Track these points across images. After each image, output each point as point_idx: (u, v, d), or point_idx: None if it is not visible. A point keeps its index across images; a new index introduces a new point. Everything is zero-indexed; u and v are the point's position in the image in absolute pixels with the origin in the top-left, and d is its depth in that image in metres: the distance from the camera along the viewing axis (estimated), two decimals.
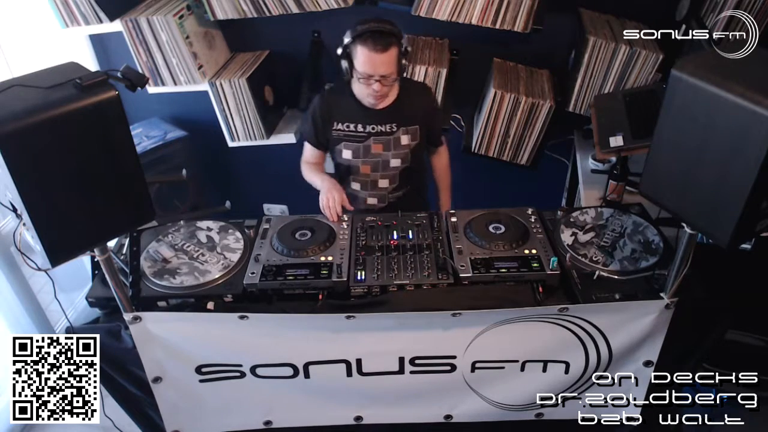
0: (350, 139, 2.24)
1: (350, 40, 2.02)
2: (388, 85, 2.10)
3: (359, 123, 2.22)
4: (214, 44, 2.93)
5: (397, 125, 2.22)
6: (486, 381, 1.91)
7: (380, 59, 2.00)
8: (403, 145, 2.25)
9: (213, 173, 3.56)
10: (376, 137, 2.23)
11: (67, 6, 2.59)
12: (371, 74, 2.03)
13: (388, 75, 2.05)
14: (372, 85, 2.06)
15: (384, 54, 1.99)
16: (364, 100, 2.17)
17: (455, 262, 1.85)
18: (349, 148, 2.26)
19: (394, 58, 2.02)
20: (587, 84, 2.64)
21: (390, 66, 2.03)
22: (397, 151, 2.26)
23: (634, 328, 1.76)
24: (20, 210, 1.29)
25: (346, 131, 2.23)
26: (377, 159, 2.27)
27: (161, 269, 1.89)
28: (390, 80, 2.07)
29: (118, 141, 1.35)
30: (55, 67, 1.36)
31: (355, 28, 2.02)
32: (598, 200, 2.41)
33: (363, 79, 2.06)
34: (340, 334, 1.78)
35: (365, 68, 2.03)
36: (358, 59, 2.02)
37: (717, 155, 1.28)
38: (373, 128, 2.22)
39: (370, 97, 2.13)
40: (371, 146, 2.25)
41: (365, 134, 2.23)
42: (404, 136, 2.24)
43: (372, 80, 2.05)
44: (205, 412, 1.97)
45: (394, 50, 2.01)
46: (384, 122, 2.21)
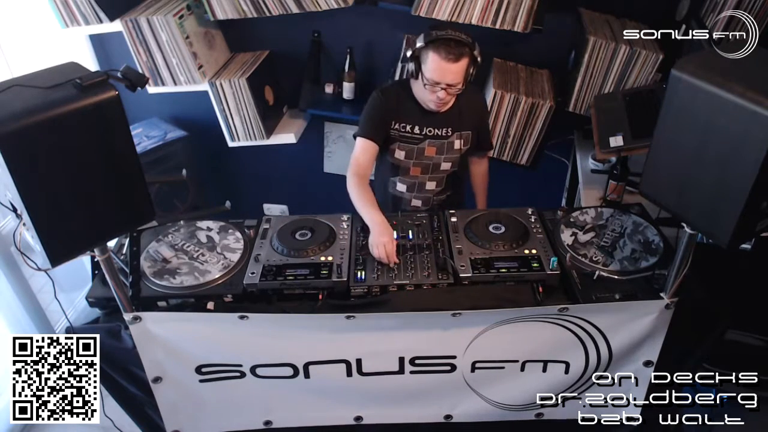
0: (405, 140, 2.21)
1: (423, 44, 1.98)
2: (453, 94, 2.07)
3: (416, 125, 2.18)
4: (214, 44, 2.93)
5: (452, 129, 2.20)
6: (486, 381, 1.91)
7: (451, 68, 1.96)
8: (455, 149, 2.24)
9: (213, 173, 3.57)
10: (431, 140, 2.20)
11: (67, 6, 2.59)
12: (438, 82, 2.00)
13: (455, 84, 2.02)
14: (437, 92, 2.03)
15: (455, 64, 1.96)
16: (426, 104, 2.13)
17: (455, 262, 1.85)
18: (403, 149, 2.23)
19: (464, 68, 1.99)
20: (587, 84, 2.64)
21: (459, 76, 2.00)
22: (449, 155, 2.25)
23: (634, 328, 1.76)
24: (20, 210, 1.29)
25: (402, 131, 2.19)
26: (429, 162, 2.25)
27: (161, 269, 1.89)
28: (456, 89, 2.04)
29: (118, 141, 1.35)
30: (55, 67, 1.36)
31: (429, 33, 1.97)
32: (598, 200, 2.41)
33: (429, 86, 2.03)
34: (340, 334, 1.78)
35: (434, 75, 1.99)
36: (428, 65, 1.99)
37: (717, 155, 1.28)
38: (429, 131, 2.19)
39: (432, 103, 2.10)
40: (425, 149, 2.22)
41: (421, 136, 2.20)
42: (458, 141, 2.22)
43: (438, 88, 2.02)
44: (205, 412, 1.97)
45: (465, 60, 1.98)
46: (440, 126, 2.19)
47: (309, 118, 3.25)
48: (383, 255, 1.85)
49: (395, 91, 2.21)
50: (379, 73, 3.07)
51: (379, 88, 2.22)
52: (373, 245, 1.89)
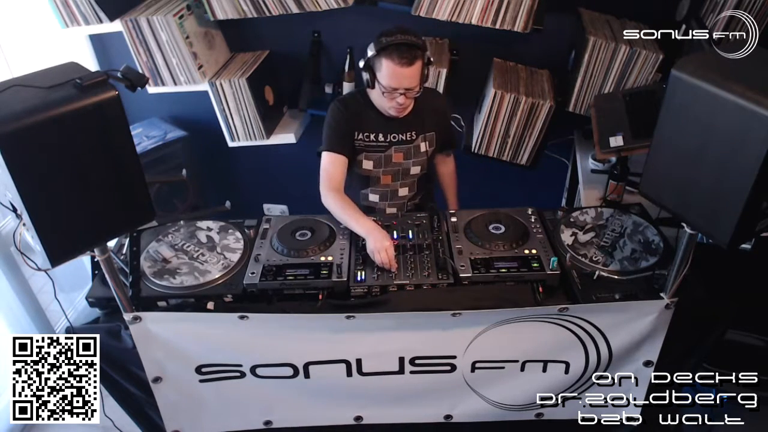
0: (371, 149, 2.19)
1: (374, 53, 1.97)
2: (412, 98, 2.07)
3: (380, 132, 2.17)
4: (214, 44, 2.93)
5: (416, 133, 2.20)
6: (486, 381, 1.91)
7: (406, 73, 1.96)
8: (422, 152, 2.23)
9: (213, 173, 3.56)
10: (396, 146, 2.20)
11: (67, 6, 2.59)
12: (396, 88, 1.99)
13: (413, 87, 2.01)
14: (396, 98, 2.03)
15: (410, 68, 1.95)
16: (386, 111, 2.12)
17: (455, 262, 1.85)
18: (370, 159, 2.21)
19: (419, 70, 1.99)
20: (587, 84, 2.64)
21: (415, 79, 1.99)
22: (416, 158, 2.24)
23: (634, 328, 1.76)
24: (20, 210, 1.29)
25: (366, 141, 2.18)
26: (397, 168, 2.24)
27: (161, 269, 1.89)
28: (414, 92, 2.03)
29: (118, 141, 1.35)
30: (55, 67, 1.36)
31: (379, 40, 1.96)
32: (598, 200, 2.41)
33: (387, 93, 2.02)
34: (340, 334, 1.78)
35: (390, 82, 1.98)
36: (383, 72, 1.98)
37: (717, 155, 1.28)
38: (393, 137, 2.18)
39: (392, 109, 2.09)
40: (392, 155, 2.21)
41: (386, 144, 2.19)
42: (423, 143, 2.22)
43: (396, 93, 2.01)
44: (205, 412, 1.97)
45: (419, 63, 1.97)
46: (404, 130, 2.18)
47: (309, 118, 3.25)
48: (386, 261, 1.84)
49: (354, 101, 2.18)
50: None
51: (336, 99, 2.21)
52: (374, 252, 1.86)
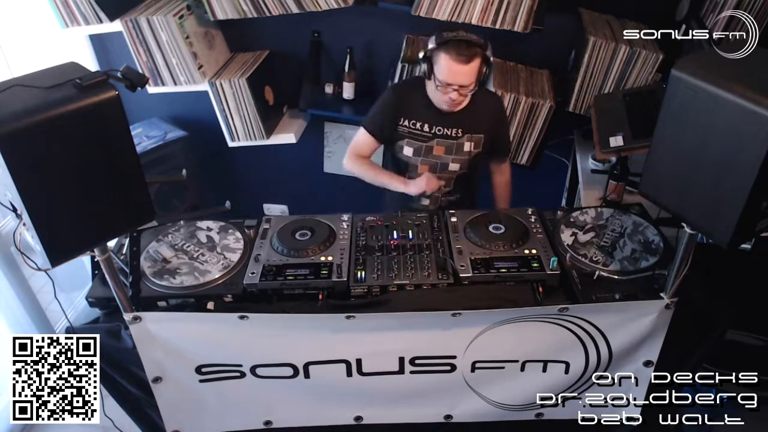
0: (414, 137, 2.23)
1: (434, 46, 1.99)
2: (465, 95, 2.08)
3: (426, 123, 2.19)
4: (214, 44, 2.93)
5: (462, 131, 2.20)
6: (486, 381, 1.91)
7: (462, 70, 1.97)
8: (465, 151, 2.24)
9: (213, 173, 3.57)
10: (440, 139, 2.21)
11: (67, 6, 2.59)
12: (450, 83, 2.01)
13: (467, 85, 2.02)
14: (449, 94, 2.04)
15: (467, 65, 1.97)
16: (439, 105, 2.14)
17: (455, 262, 1.85)
18: (411, 146, 2.24)
19: (476, 69, 2.00)
20: (587, 84, 2.64)
21: (471, 77, 2.00)
22: (458, 156, 2.25)
23: (634, 328, 1.76)
24: (20, 210, 1.28)
25: (411, 129, 2.21)
26: (437, 161, 2.26)
27: (161, 269, 1.89)
28: (468, 90, 2.04)
29: (118, 141, 1.35)
30: (55, 67, 1.36)
31: (440, 34, 1.98)
32: (598, 200, 2.40)
33: (441, 87, 2.04)
34: (340, 334, 1.78)
35: (445, 77, 2.00)
36: (440, 66, 2.00)
37: (717, 155, 1.28)
38: (438, 130, 2.20)
39: (444, 104, 2.11)
40: (434, 147, 2.23)
41: (430, 135, 2.21)
42: (468, 143, 2.22)
43: (450, 89, 2.03)
44: (205, 412, 1.97)
45: (477, 61, 1.98)
46: (450, 126, 2.19)
47: (309, 118, 3.25)
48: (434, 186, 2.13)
49: (409, 88, 2.23)
50: (379, 73, 3.07)
51: (395, 83, 2.22)
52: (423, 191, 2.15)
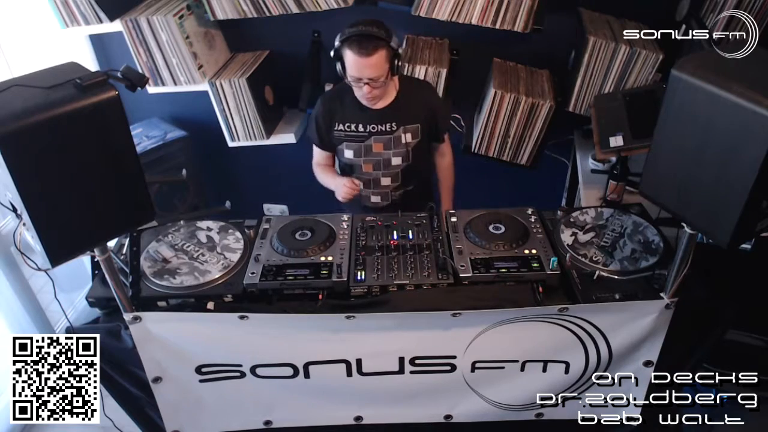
0: (351, 139, 2.26)
1: (339, 43, 2.04)
2: (378, 87, 2.10)
3: (359, 123, 2.23)
4: (214, 44, 2.93)
5: (396, 124, 2.23)
6: (486, 381, 1.91)
7: (366, 63, 2.01)
8: (403, 143, 2.26)
9: (213, 173, 3.56)
10: (376, 136, 2.24)
11: (67, 6, 2.59)
12: (359, 77, 2.05)
13: (376, 78, 2.05)
14: (362, 88, 2.08)
15: (369, 58, 2.00)
16: (361, 101, 2.19)
17: (455, 262, 1.85)
18: (350, 148, 2.28)
19: (382, 60, 2.02)
20: (587, 84, 2.64)
21: (377, 69, 2.03)
22: (397, 149, 2.27)
23: (634, 328, 1.76)
24: (20, 210, 1.29)
25: (347, 131, 2.25)
26: (378, 158, 2.28)
27: (161, 269, 1.89)
28: (379, 83, 2.08)
29: (118, 141, 1.35)
30: (55, 67, 1.36)
31: (343, 30, 2.03)
32: (598, 200, 2.41)
33: (353, 82, 2.09)
34: (340, 334, 1.78)
35: (352, 71, 2.05)
36: (346, 62, 2.05)
37: (717, 155, 1.28)
38: (373, 128, 2.23)
39: (363, 98, 2.16)
40: (372, 145, 2.26)
41: (366, 134, 2.24)
42: (404, 134, 2.25)
43: (360, 83, 2.07)
44: (205, 412, 1.97)
45: (380, 53, 2.01)
46: (384, 121, 2.22)
47: (309, 118, 3.25)
48: (348, 191, 2.20)
49: (336, 94, 2.28)
50: None
51: (323, 94, 2.30)
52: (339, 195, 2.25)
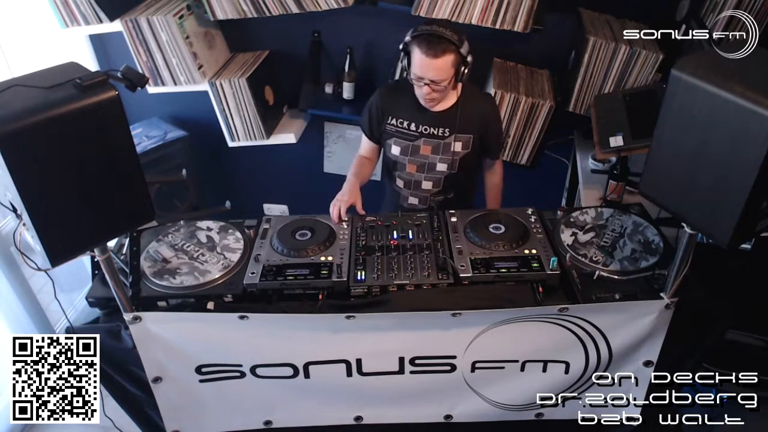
0: (401, 136, 2.23)
1: (410, 38, 2.00)
2: (439, 91, 2.06)
3: (412, 122, 2.19)
4: (214, 44, 2.93)
5: (450, 131, 2.18)
6: (486, 381, 1.91)
7: (432, 64, 1.96)
8: (452, 151, 2.22)
9: (213, 173, 3.57)
10: (426, 138, 2.20)
11: (67, 6, 2.59)
12: (421, 77, 2.01)
13: (439, 81, 2.01)
14: (422, 88, 2.05)
15: (436, 59, 1.95)
16: (420, 100, 2.15)
17: (455, 262, 1.85)
18: (398, 145, 2.25)
19: (448, 65, 1.98)
20: (587, 84, 2.64)
21: (441, 72, 1.99)
22: (445, 156, 2.23)
23: (634, 328, 1.76)
24: (20, 210, 1.29)
25: (398, 127, 2.21)
26: (424, 160, 2.25)
27: (161, 269, 1.89)
28: (440, 86, 2.03)
29: (118, 141, 1.35)
30: (55, 67, 1.36)
31: (416, 27, 1.99)
32: (598, 200, 2.41)
33: (415, 80, 2.05)
34: (340, 334, 1.78)
35: (416, 70, 2.01)
36: (413, 59, 2.01)
37: (717, 155, 1.28)
38: (425, 129, 2.19)
39: (421, 98, 2.11)
40: (420, 147, 2.22)
41: (417, 134, 2.20)
42: (455, 143, 2.21)
43: (422, 83, 2.03)
44: (205, 412, 1.97)
45: (448, 57, 1.96)
46: (437, 125, 2.18)
47: (309, 118, 3.25)
48: (334, 214, 2.05)
49: (395, 88, 2.25)
50: (379, 73, 3.07)
51: (384, 84, 2.24)
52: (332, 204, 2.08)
